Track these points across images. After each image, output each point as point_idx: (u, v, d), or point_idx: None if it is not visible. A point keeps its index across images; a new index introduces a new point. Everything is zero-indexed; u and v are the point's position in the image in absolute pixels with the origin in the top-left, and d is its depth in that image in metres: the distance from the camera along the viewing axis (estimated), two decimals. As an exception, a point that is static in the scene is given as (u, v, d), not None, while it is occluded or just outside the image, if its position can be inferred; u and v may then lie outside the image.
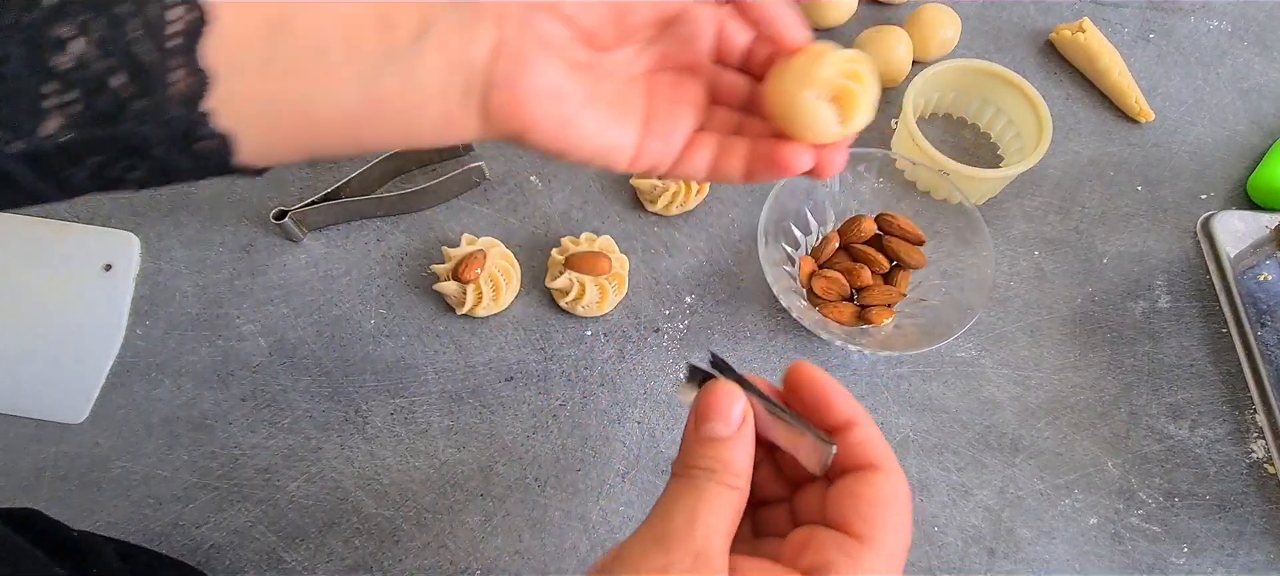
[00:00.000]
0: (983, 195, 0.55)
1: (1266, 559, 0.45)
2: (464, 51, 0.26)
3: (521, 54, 0.27)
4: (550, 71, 0.28)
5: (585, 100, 0.29)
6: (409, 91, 0.26)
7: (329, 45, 0.25)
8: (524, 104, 0.27)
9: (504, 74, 0.27)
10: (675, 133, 0.33)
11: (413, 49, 0.26)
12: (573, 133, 0.29)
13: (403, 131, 0.27)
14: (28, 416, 0.46)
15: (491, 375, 0.48)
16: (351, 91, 0.26)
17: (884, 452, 0.27)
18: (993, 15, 0.65)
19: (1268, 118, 0.61)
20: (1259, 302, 0.50)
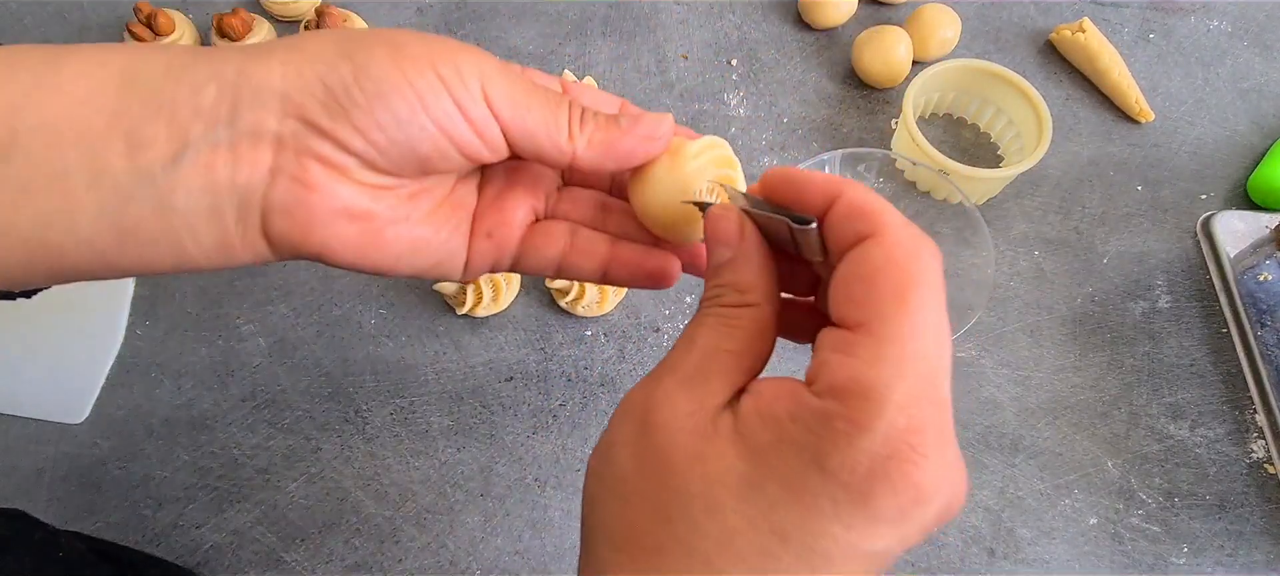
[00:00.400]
0: (983, 195, 0.55)
1: (1266, 559, 0.45)
2: (232, 175, 0.23)
3: (304, 177, 0.24)
4: (342, 192, 0.24)
5: (392, 220, 0.26)
6: (165, 217, 0.23)
7: (68, 168, 0.22)
8: (314, 228, 0.24)
9: (282, 199, 0.24)
10: (506, 226, 0.29)
11: (167, 172, 0.23)
12: (384, 252, 0.26)
13: (167, 257, 0.24)
14: (28, 416, 0.46)
15: (491, 375, 0.48)
16: (93, 218, 0.23)
17: (872, 218, 0.21)
18: (993, 15, 0.65)
19: (1268, 118, 0.61)
20: (1259, 302, 0.50)
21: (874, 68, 0.58)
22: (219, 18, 0.56)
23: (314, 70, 0.23)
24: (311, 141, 0.24)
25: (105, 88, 0.23)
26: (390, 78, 0.23)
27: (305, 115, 0.23)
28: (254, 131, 0.23)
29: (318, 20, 0.57)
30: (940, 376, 0.20)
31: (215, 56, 0.24)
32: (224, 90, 0.23)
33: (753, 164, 0.56)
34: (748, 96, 0.60)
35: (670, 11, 0.64)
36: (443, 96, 0.24)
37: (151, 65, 0.23)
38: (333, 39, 0.24)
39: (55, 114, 0.22)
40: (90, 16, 0.61)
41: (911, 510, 0.19)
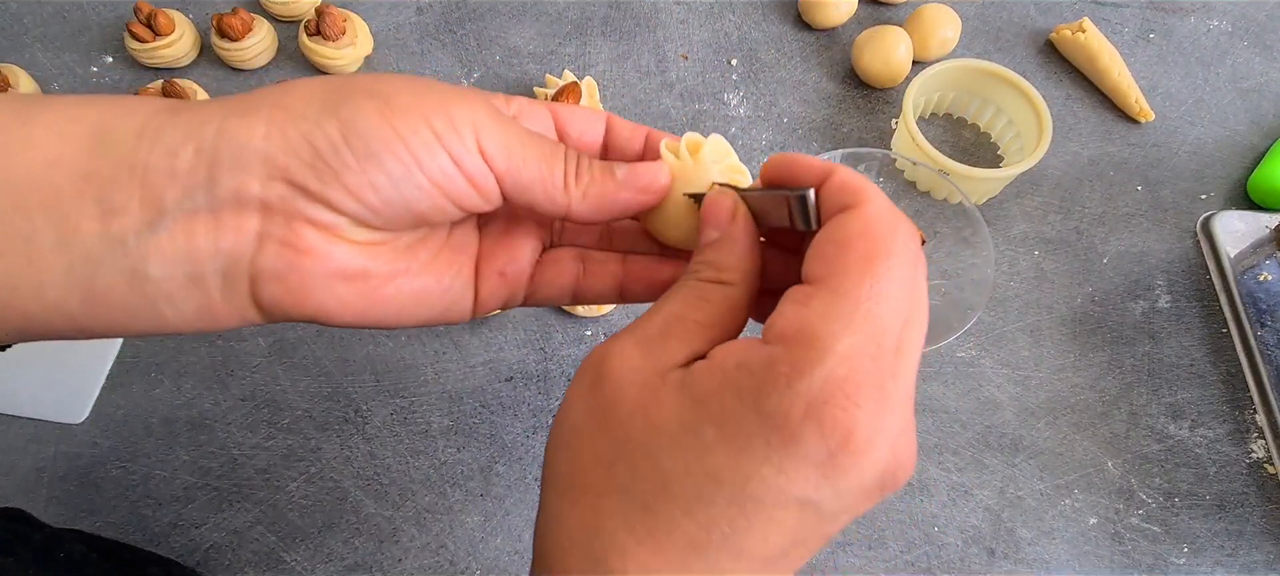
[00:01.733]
0: (983, 195, 0.55)
1: (1266, 559, 0.45)
2: (215, 242, 0.22)
3: (296, 242, 0.23)
4: (337, 254, 0.23)
5: (392, 276, 0.25)
6: (139, 285, 0.22)
7: (37, 230, 0.21)
8: (309, 293, 0.23)
9: (272, 265, 0.23)
10: (517, 263, 0.28)
11: (141, 239, 0.22)
12: (385, 309, 0.25)
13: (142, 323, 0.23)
14: (28, 416, 0.46)
15: (491, 375, 0.48)
16: (61, 283, 0.22)
17: (857, 191, 0.22)
18: (993, 15, 0.65)
19: (1268, 118, 0.61)
20: (1259, 302, 0.50)
21: (874, 68, 0.58)
22: (219, 18, 0.56)
23: (298, 129, 0.22)
24: (301, 204, 0.23)
25: (76, 147, 0.22)
26: (380, 134, 0.22)
27: (292, 178, 0.22)
28: (236, 197, 0.22)
29: (318, 20, 0.57)
30: (889, 341, 0.20)
31: (195, 114, 0.22)
32: (202, 152, 0.22)
33: (752, 164, 0.56)
34: (748, 96, 0.60)
35: (670, 11, 0.64)
36: (438, 152, 0.23)
37: (125, 124, 0.22)
38: (319, 92, 0.23)
39: (23, 174, 0.21)
40: (90, 16, 0.61)
41: (841, 457, 0.19)
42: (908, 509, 0.45)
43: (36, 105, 0.22)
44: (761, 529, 0.20)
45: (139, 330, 0.23)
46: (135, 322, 0.23)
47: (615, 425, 0.21)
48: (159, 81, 0.55)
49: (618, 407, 0.21)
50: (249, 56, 0.58)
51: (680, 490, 0.20)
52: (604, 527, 0.21)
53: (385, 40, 0.61)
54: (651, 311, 0.23)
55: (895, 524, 0.45)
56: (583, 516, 0.21)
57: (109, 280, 0.22)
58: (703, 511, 0.20)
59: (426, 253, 0.27)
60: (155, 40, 0.57)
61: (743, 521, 0.19)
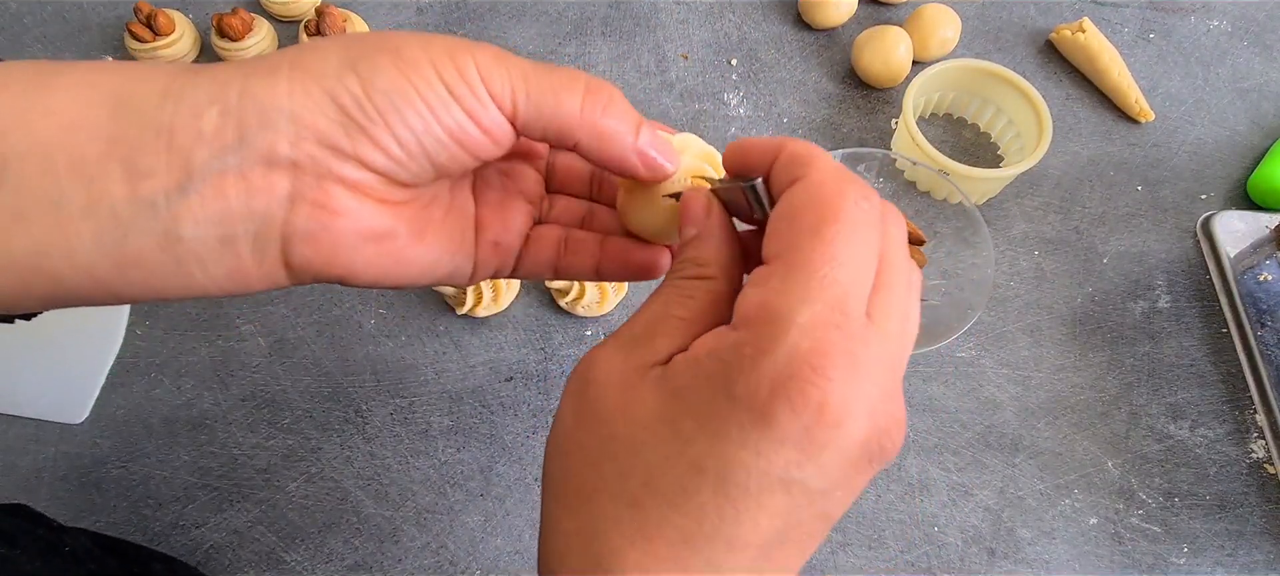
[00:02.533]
0: (983, 195, 0.55)
1: (1266, 559, 0.45)
2: (247, 203, 0.22)
3: (326, 200, 0.23)
4: (365, 213, 0.24)
5: (413, 236, 0.26)
6: (171, 247, 0.22)
7: (65, 195, 0.21)
8: (339, 253, 0.24)
9: (306, 226, 0.23)
10: (510, 234, 0.30)
11: (171, 202, 0.22)
12: (407, 269, 0.26)
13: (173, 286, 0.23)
14: (28, 416, 0.46)
15: (491, 375, 0.48)
16: (91, 247, 0.22)
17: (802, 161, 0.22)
18: (993, 15, 0.65)
19: (1268, 118, 0.61)
20: (1259, 302, 0.50)
21: (874, 68, 0.58)
22: (219, 17, 0.56)
23: (321, 87, 0.23)
24: (333, 163, 0.23)
25: (98, 111, 0.22)
26: (400, 88, 0.23)
27: (322, 136, 0.23)
28: (267, 156, 0.22)
29: (317, 20, 0.57)
30: (855, 306, 0.20)
31: (215, 76, 0.23)
32: (228, 113, 0.22)
33: (753, 164, 0.56)
34: (748, 96, 0.60)
35: (670, 11, 0.64)
36: (451, 105, 0.24)
37: (146, 87, 0.22)
38: (334, 51, 0.23)
39: (46, 138, 0.21)
40: (90, 16, 0.61)
41: (817, 431, 0.19)
42: (908, 509, 0.45)
43: (52, 71, 0.22)
44: (750, 515, 0.20)
45: (169, 293, 0.23)
46: (166, 285, 0.23)
47: (600, 425, 0.22)
48: (159, 81, 0.55)
49: (601, 408, 0.22)
50: (249, 56, 0.58)
51: (665, 484, 0.20)
52: (598, 530, 0.21)
53: (385, 40, 0.61)
54: (637, 313, 0.24)
55: (895, 524, 0.45)
56: (577, 520, 0.22)
57: (140, 243, 0.22)
58: (689, 503, 0.20)
59: (438, 213, 0.28)
60: (155, 40, 0.57)
61: (730, 510, 0.20)
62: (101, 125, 0.22)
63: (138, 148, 0.22)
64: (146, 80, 0.23)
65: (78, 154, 0.21)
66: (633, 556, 0.20)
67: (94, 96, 0.22)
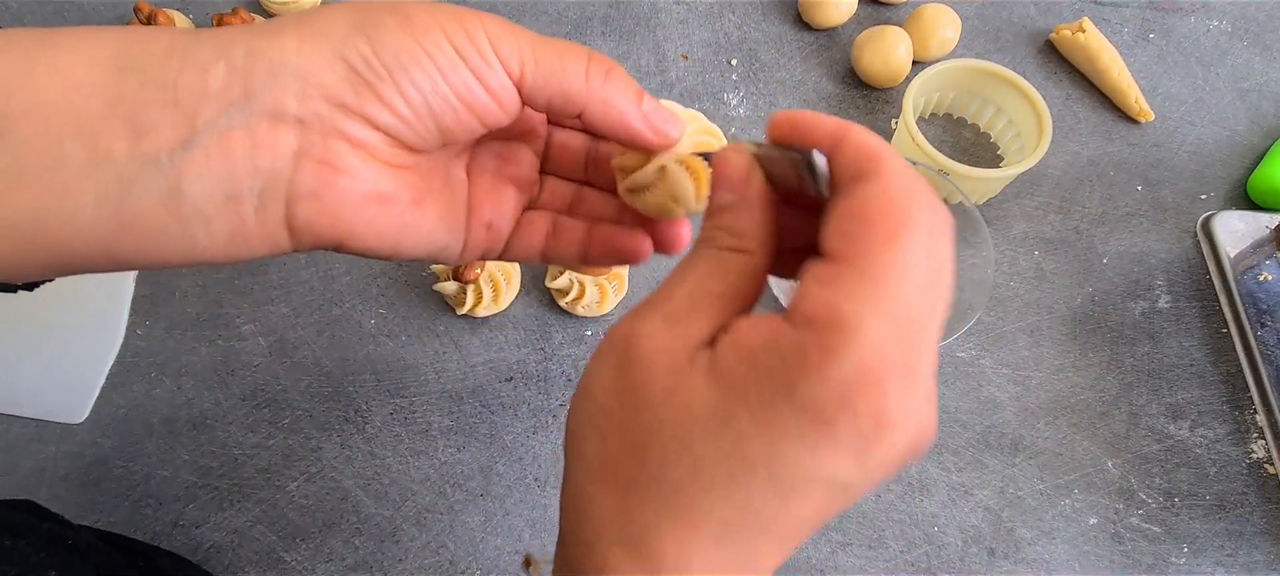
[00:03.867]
0: (983, 195, 0.55)
1: (1266, 559, 0.45)
2: (252, 160, 0.22)
3: (331, 158, 0.23)
4: (369, 174, 0.24)
5: (414, 201, 0.26)
6: (175, 206, 0.22)
7: (65, 156, 0.21)
8: (342, 213, 0.24)
9: (310, 184, 0.23)
10: (503, 217, 0.30)
11: (176, 158, 0.21)
12: (404, 236, 0.26)
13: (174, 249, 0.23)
14: (28, 416, 0.46)
15: (491, 375, 0.48)
16: (93, 207, 0.21)
17: (874, 158, 0.21)
18: (993, 15, 0.65)
19: (1268, 118, 0.61)
20: (1259, 303, 0.50)
21: (874, 68, 0.58)
22: (219, 17, 0.56)
23: (329, 45, 0.23)
24: (339, 121, 0.23)
25: (102, 69, 0.22)
26: (407, 48, 0.23)
27: (330, 94, 0.22)
28: (274, 113, 0.22)
29: (318, 20, 0.57)
30: (920, 320, 0.20)
31: (219, 36, 0.23)
32: (234, 70, 0.22)
33: (753, 164, 0.56)
34: (748, 96, 0.60)
35: (670, 11, 0.64)
36: (459, 65, 0.24)
37: (151, 46, 0.22)
38: (342, 13, 0.23)
39: (49, 98, 0.21)
40: (90, 16, 0.61)
41: (873, 438, 0.19)
42: (908, 509, 0.45)
43: (56, 33, 0.22)
44: (796, 507, 0.20)
45: (170, 257, 0.23)
46: (167, 248, 0.23)
47: (647, 409, 0.21)
48: (159, 81, 0.55)
49: (648, 392, 0.21)
50: (249, 56, 0.58)
51: (715, 476, 0.20)
52: (640, 512, 0.21)
53: (385, 40, 0.61)
54: (672, 283, 0.23)
55: (895, 524, 0.45)
56: (617, 500, 0.21)
57: (142, 202, 0.22)
58: (738, 494, 0.20)
59: (437, 185, 0.28)
60: (155, 40, 0.57)
61: (777, 502, 0.20)
62: (105, 83, 0.22)
63: (142, 105, 0.21)
64: (151, 40, 0.22)
65: (80, 112, 0.21)
66: (674, 541, 0.20)
67: (98, 55, 0.22)
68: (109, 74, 0.22)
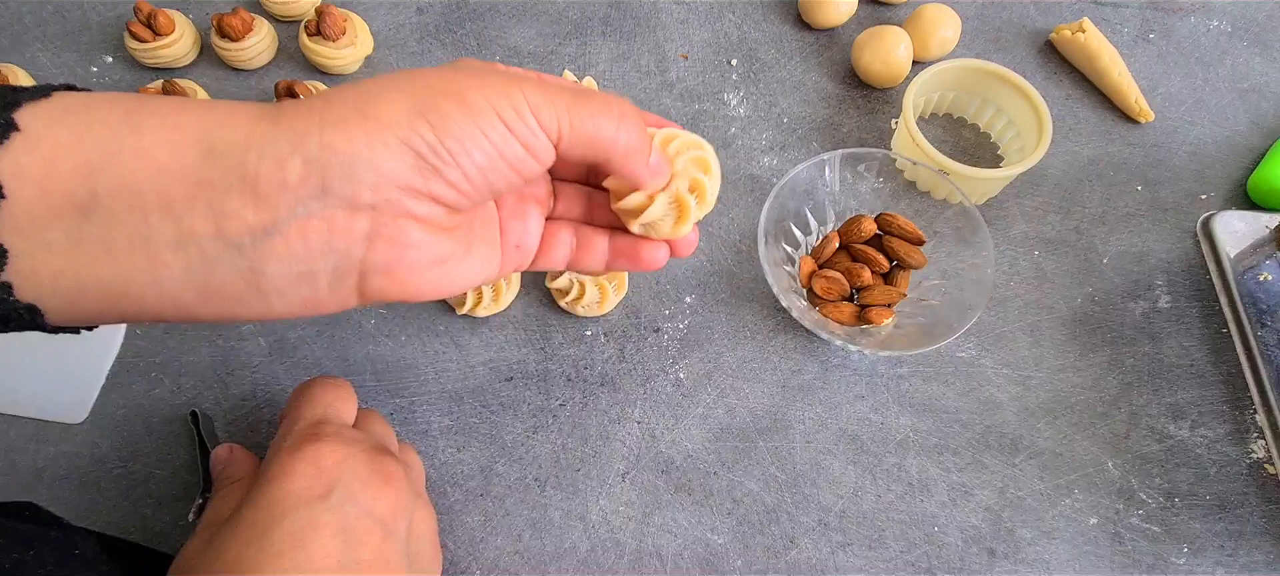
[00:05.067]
0: (983, 195, 0.55)
1: (1266, 559, 0.45)
2: (329, 242, 0.25)
3: (400, 236, 0.26)
4: (429, 246, 0.27)
5: (464, 254, 0.29)
6: (256, 281, 0.24)
7: (155, 231, 0.23)
8: (408, 279, 0.27)
9: (383, 260, 0.26)
10: (529, 235, 0.33)
11: (258, 244, 0.24)
12: (458, 282, 0.29)
13: (254, 310, 0.25)
14: (28, 416, 0.46)
15: (491, 375, 0.48)
16: (178, 277, 0.24)
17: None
18: (993, 15, 0.65)
19: (1268, 118, 0.61)
20: (1259, 303, 0.50)
21: (874, 68, 0.58)
22: (219, 18, 0.56)
23: (396, 136, 0.25)
24: (408, 203, 0.25)
25: (186, 156, 0.23)
26: (467, 132, 0.25)
27: (400, 181, 0.25)
28: (349, 203, 0.24)
29: (318, 20, 0.57)
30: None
31: (293, 126, 0.24)
32: (310, 164, 0.24)
33: (752, 164, 0.56)
34: (748, 96, 0.60)
35: (670, 11, 0.64)
36: (510, 140, 0.27)
37: (230, 135, 0.24)
38: (401, 99, 0.25)
39: (137, 179, 0.23)
40: (90, 16, 0.61)
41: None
42: (908, 509, 0.45)
43: (141, 111, 0.24)
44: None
45: (246, 317, 0.26)
46: (244, 311, 0.25)
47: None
48: (159, 81, 0.55)
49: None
50: (249, 56, 0.58)
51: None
52: None
53: (385, 40, 0.61)
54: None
55: (895, 524, 0.45)
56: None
57: (226, 277, 0.24)
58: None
59: (480, 227, 0.31)
60: (155, 40, 0.57)
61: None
62: (190, 168, 0.23)
63: (224, 191, 0.23)
64: (229, 127, 0.24)
65: (167, 195, 0.23)
66: None
67: (180, 140, 0.24)
68: (191, 159, 0.24)
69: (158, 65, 0.58)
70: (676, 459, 0.46)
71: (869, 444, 0.47)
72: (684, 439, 0.47)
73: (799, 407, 0.48)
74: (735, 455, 0.46)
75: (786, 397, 0.48)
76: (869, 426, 0.48)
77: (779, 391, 0.48)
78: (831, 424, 0.47)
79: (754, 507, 0.45)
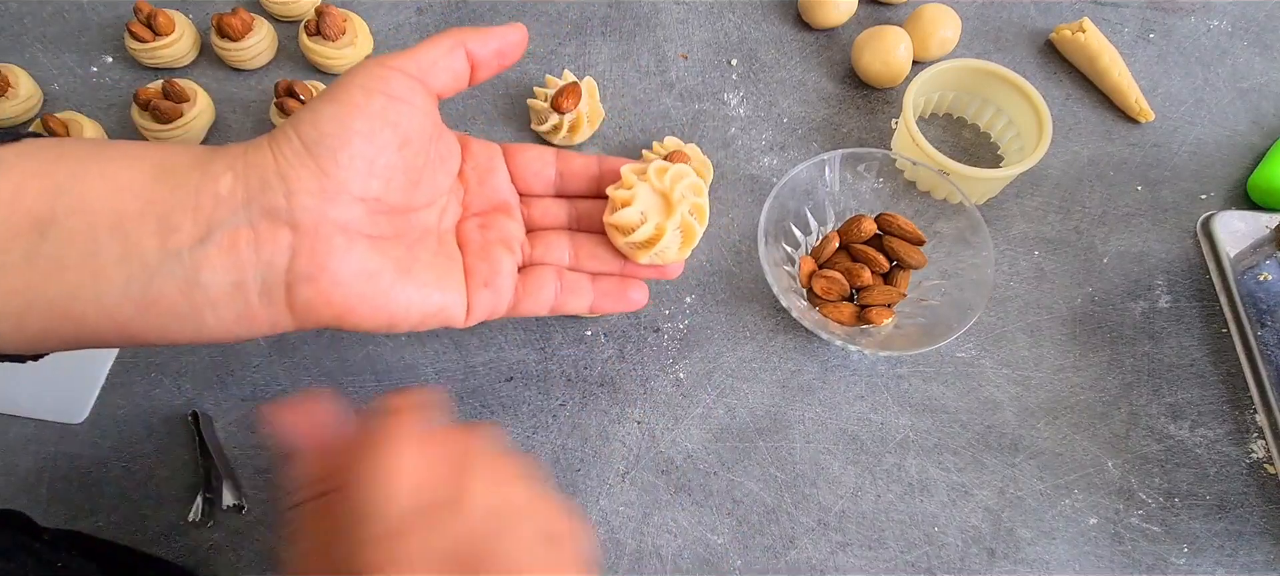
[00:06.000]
0: (983, 195, 0.55)
1: (1266, 559, 0.45)
2: (257, 252, 0.26)
3: (321, 246, 0.27)
4: (355, 254, 0.28)
5: (399, 272, 0.29)
6: (191, 293, 0.25)
7: (102, 246, 0.25)
8: (334, 291, 0.27)
9: (305, 269, 0.26)
10: (500, 276, 0.33)
11: (194, 252, 0.25)
12: (394, 305, 0.29)
13: (187, 329, 0.26)
14: (28, 416, 0.46)
15: (491, 375, 0.48)
16: (119, 291, 0.25)
17: None
18: (993, 15, 0.65)
19: (1268, 118, 0.61)
20: (1259, 302, 0.50)
21: (874, 68, 0.58)
22: (219, 18, 0.56)
23: (284, 135, 0.27)
24: (326, 208, 0.27)
25: (142, 176, 0.26)
26: (338, 113, 0.27)
27: (306, 187, 0.26)
28: (269, 211, 0.26)
29: (318, 20, 0.57)
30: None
31: (230, 151, 0.27)
32: (237, 178, 0.26)
33: (753, 163, 0.56)
34: (748, 96, 0.60)
35: (670, 11, 0.64)
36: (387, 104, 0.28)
37: (181, 159, 0.27)
38: (289, 124, 0.28)
39: (96, 197, 0.25)
40: (90, 16, 0.61)
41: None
42: (908, 509, 0.45)
43: (106, 147, 0.27)
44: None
45: (181, 337, 0.27)
46: (180, 328, 0.26)
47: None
48: (159, 81, 0.55)
49: None
50: (249, 56, 0.58)
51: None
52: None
53: (385, 40, 0.61)
54: None
55: (895, 524, 0.45)
56: None
57: (163, 288, 0.25)
58: None
59: (426, 251, 0.31)
60: (155, 40, 0.57)
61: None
62: (144, 188, 0.26)
63: (170, 206, 0.26)
64: (181, 154, 0.27)
65: (118, 210, 0.25)
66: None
67: (140, 165, 0.26)
68: (148, 179, 0.26)
69: (158, 65, 0.58)
70: (676, 459, 0.46)
71: (869, 444, 0.47)
72: (684, 439, 0.47)
73: (799, 407, 0.48)
74: (735, 455, 0.46)
75: (786, 398, 0.48)
76: (869, 426, 0.48)
77: (779, 391, 0.48)
78: (831, 424, 0.47)
79: (754, 507, 0.45)
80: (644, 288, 0.37)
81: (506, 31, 0.34)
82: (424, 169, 0.31)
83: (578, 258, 0.37)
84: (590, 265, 0.37)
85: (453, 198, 0.34)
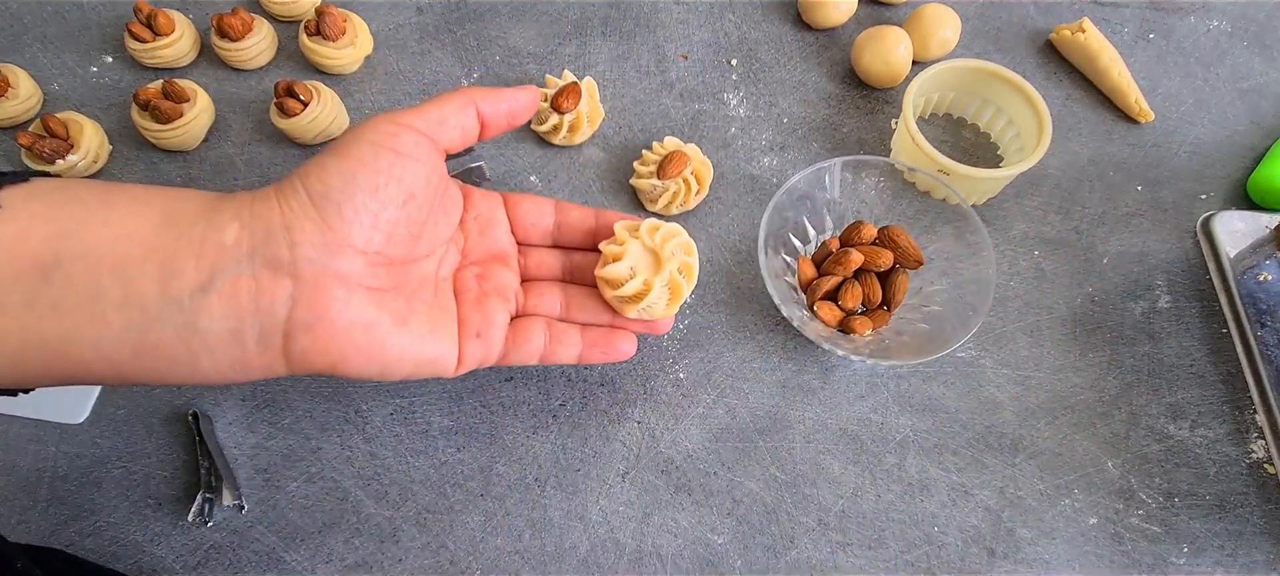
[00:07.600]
0: (983, 195, 0.55)
1: (1266, 559, 0.45)
2: (256, 301, 0.26)
3: (320, 296, 0.27)
4: (354, 305, 0.28)
5: (395, 323, 0.30)
6: (188, 338, 0.26)
7: (104, 291, 0.25)
8: (330, 341, 0.28)
9: (304, 319, 0.27)
10: (492, 327, 0.34)
11: (195, 299, 0.26)
12: (388, 355, 0.29)
13: (180, 372, 0.27)
14: (28, 416, 0.46)
15: (491, 375, 0.48)
16: (117, 336, 0.25)
17: None
18: (993, 15, 0.65)
19: (1268, 118, 0.61)
20: (1259, 302, 0.51)
21: (874, 68, 0.58)
22: (219, 18, 0.56)
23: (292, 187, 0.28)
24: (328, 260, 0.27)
25: (147, 223, 0.26)
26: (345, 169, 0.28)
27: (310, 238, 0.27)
28: (272, 262, 0.26)
29: (318, 20, 0.57)
30: None
31: (237, 199, 0.28)
32: (243, 228, 0.27)
33: (753, 164, 0.56)
34: (748, 96, 0.60)
35: (670, 11, 0.64)
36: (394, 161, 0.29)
37: (187, 206, 0.27)
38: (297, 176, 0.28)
39: (100, 243, 0.25)
40: (90, 16, 0.61)
41: None
42: (908, 509, 0.45)
43: (114, 191, 0.27)
44: None
45: (174, 378, 0.27)
46: (173, 371, 0.27)
47: None
48: (159, 81, 0.55)
49: None
50: (249, 56, 0.58)
51: None
52: None
53: (385, 40, 0.61)
54: None
55: (895, 524, 0.45)
56: None
57: (161, 334, 0.25)
58: None
59: (423, 301, 0.32)
60: (155, 40, 0.57)
61: None
62: (148, 235, 0.26)
63: (173, 253, 0.26)
64: (188, 201, 0.27)
65: (122, 256, 0.25)
66: None
67: (147, 212, 0.26)
68: (152, 226, 0.26)
69: (158, 65, 0.58)
70: (676, 459, 0.46)
71: (869, 444, 0.47)
72: (684, 439, 0.47)
73: (799, 407, 0.48)
74: (735, 455, 0.46)
75: (786, 397, 0.48)
76: (869, 426, 0.48)
77: (779, 391, 0.48)
78: (831, 424, 0.47)
79: (754, 507, 0.45)
80: (633, 338, 0.38)
81: (518, 93, 0.35)
82: (427, 222, 0.31)
83: (568, 308, 0.38)
84: (580, 316, 0.38)
85: (452, 246, 0.35)
